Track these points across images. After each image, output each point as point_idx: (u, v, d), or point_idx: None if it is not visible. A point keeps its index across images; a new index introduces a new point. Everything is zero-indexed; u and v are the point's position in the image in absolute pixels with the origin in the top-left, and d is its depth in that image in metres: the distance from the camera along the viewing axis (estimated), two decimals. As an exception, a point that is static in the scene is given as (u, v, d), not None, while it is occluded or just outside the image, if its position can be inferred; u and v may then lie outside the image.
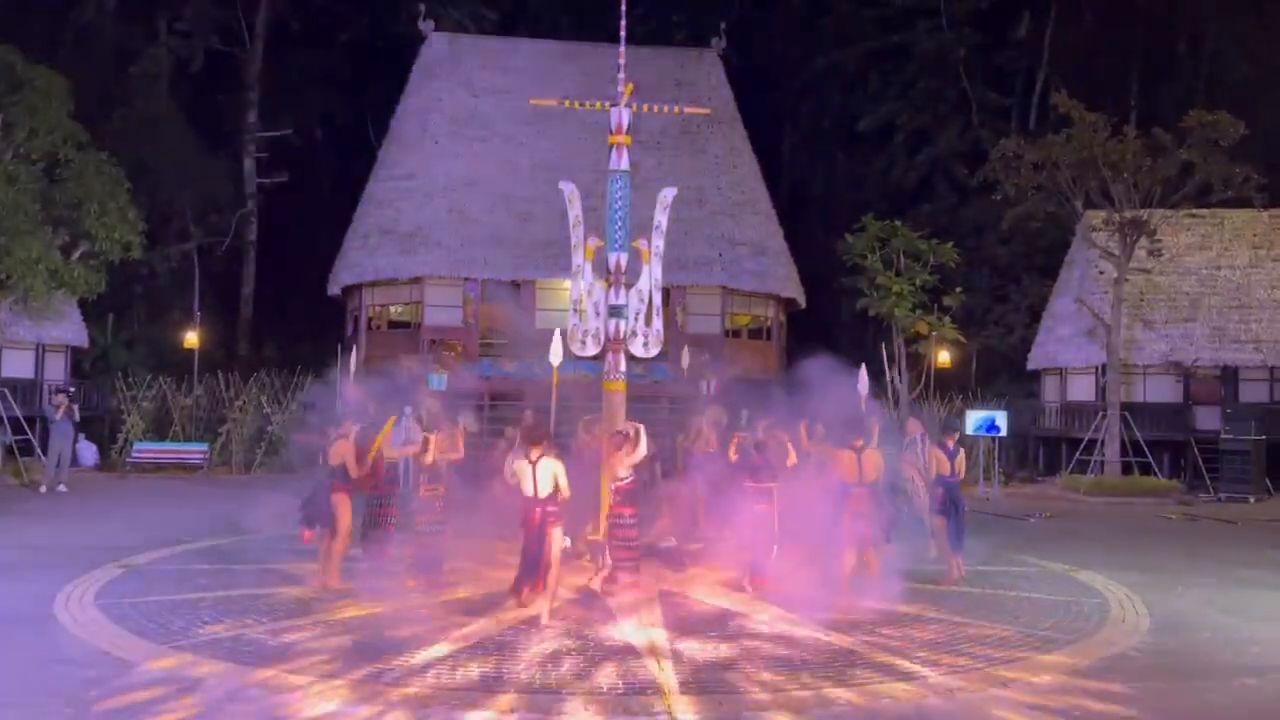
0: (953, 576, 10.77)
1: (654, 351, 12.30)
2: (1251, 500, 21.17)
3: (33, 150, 20.24)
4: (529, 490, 8.78)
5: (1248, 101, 25.71)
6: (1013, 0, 36.42)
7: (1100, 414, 23.90)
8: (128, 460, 22.56)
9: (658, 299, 12.26)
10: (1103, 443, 23.29)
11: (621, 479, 9.96)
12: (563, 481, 8.83)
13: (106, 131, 25.67)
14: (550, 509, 8.74)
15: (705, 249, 25.05)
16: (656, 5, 35.81)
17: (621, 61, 12.49)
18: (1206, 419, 24.47)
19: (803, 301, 26.70)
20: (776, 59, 38.10)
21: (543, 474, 8.74)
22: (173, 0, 34.01)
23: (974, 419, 22.44)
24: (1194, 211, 25.29)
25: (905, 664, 7.55)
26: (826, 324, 32.50)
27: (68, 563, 10.82)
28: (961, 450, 11.42)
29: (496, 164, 25.74)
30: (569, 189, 12.47)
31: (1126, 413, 23.51)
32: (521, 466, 8.89)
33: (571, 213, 12.36)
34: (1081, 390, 26.73)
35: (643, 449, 9.97)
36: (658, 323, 12.23)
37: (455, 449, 10.66)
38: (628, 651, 7.80)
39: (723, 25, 29.22)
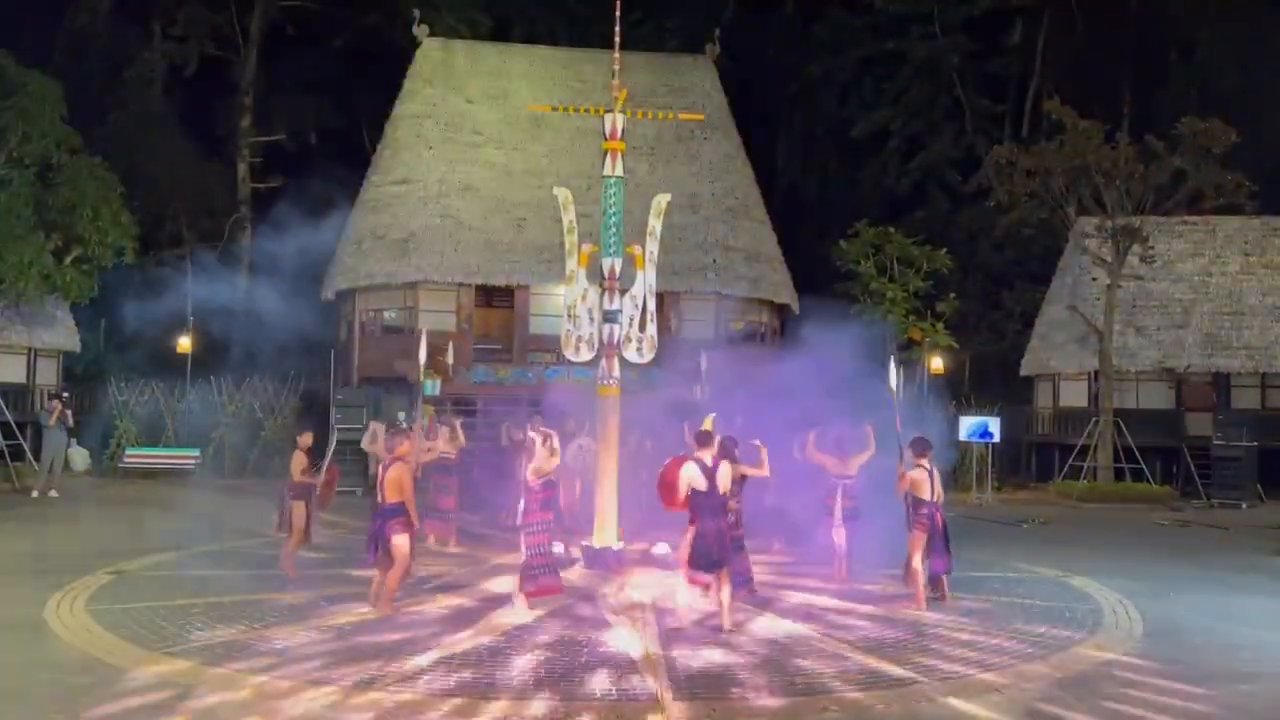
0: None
1: (648, 357, 12.30)
2: (1243, 506, 21.22)
3: (25, 155, 20.21)
4: (927, 495, 9.95)
5: (1239, 109, 25.81)
6: (1005, 7, 36.56)
7: (1093, 420, 23.96)
8: (120, 465, 22.48)
9: (652, 305, 12.27)
10: (1095, 449, 23.35)
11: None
12: (939, 485, 10.07)
13: (100, 136, 25.63)
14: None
15: (699, 255, 25.05)
16: (650, 11, 35.87)
17: (615, 68, 12.52)
18: (1199, 425, 24.54)
19: (797, 308, 26.70)
20: (770, 65, 38.17)
21: (937, 480, 10.03)
22: (166, 5, 33.97)
23: (967, 425, 22.49)
24: (1186, 218, 25.41)
25: (898, 670, 7.55)
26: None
27: (59, 568, 10.79)
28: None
29: (490, 169, 25.74)
30: (563, 194, 12.49)
31: (1119, 419, 23.56)
32: (920, 474, 9.95)
33: (565, 218, 12.37)
34: (1074, 396, 26.79)
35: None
36: (652, 328, 12.24)
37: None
38: (621, 659, 7.78)
39: (716, 31, 29.26)
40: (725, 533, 8.86)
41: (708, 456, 8.84)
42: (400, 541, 9.09)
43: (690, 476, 8.75)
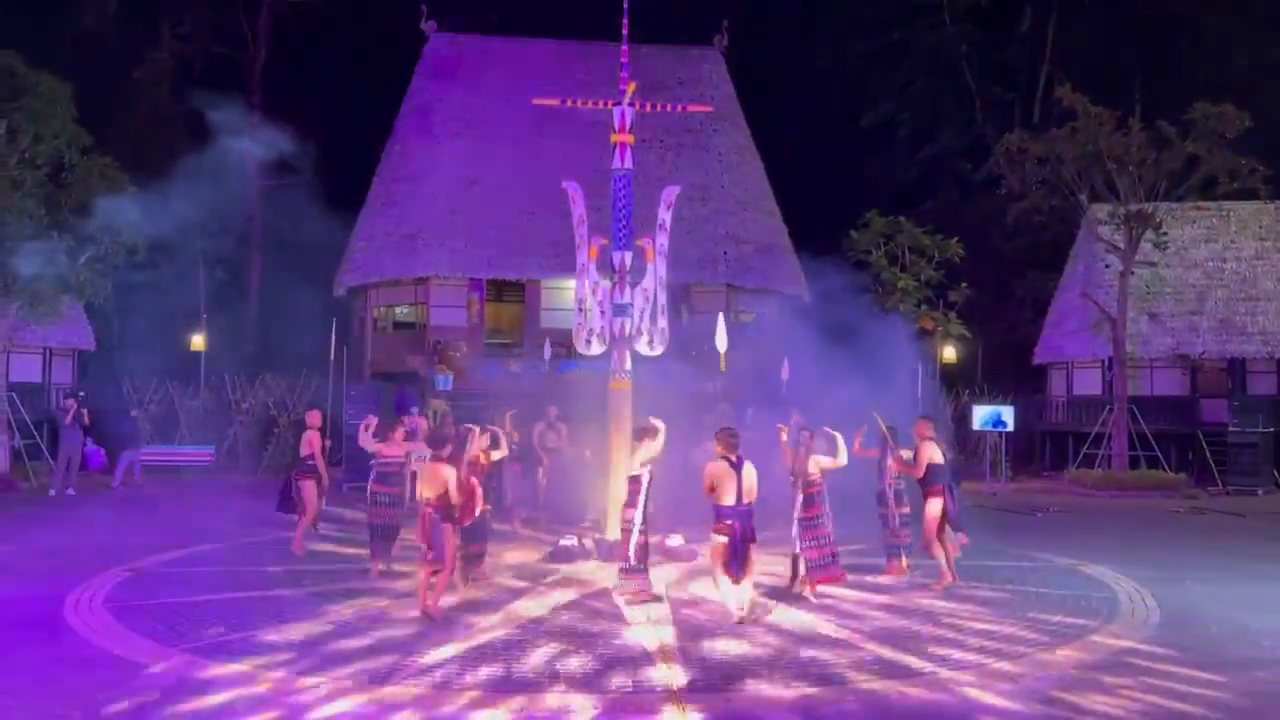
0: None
1: (659, 350, 12.30)
2: (1259, 493, 21.11)
3: (37, 155, 20.23)
4: (942, 461, 10.84)
5: (1250, 94, 25.61)
6: (1015, -6, 36.44)
7: (1107, 408, 23.85)
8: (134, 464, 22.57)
9: (662, 297, 12.26)
10: (1109, 436, 23.24)
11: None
12: None
13: (110, 136, 25.71)
14: None
15: (710, 247, 25.03)
16: (658, 3, 35.76)
17: (624, 60, 12.50)
18: (1213, 412, 24.42)
19: (808, 299, 26.65)
20: (779, 56, 38.10)
21: None
22: (174, 4, 34.07)
23: (980, 414, 22.43)
24: (1199, 204, 25.24)
25: (914, 660, 7.54)
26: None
27: (77, 566, 10.85)
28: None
29: (500, 164, 25.71)
30: (573, 188, 12.48)
31: (1133, 406, 23.45)
32: (934, 447, 10.59)
33: (575, 212, 12.36)
34: (1088, 384, 26.69)
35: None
36: (662, 321, 12.23)
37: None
38: (636, 651, 7.79)
39: (725, 23, 29.18)
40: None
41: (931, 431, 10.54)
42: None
43: (933, 453, 10.41)
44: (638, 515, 9.62)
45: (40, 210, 20.07)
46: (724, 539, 8.56)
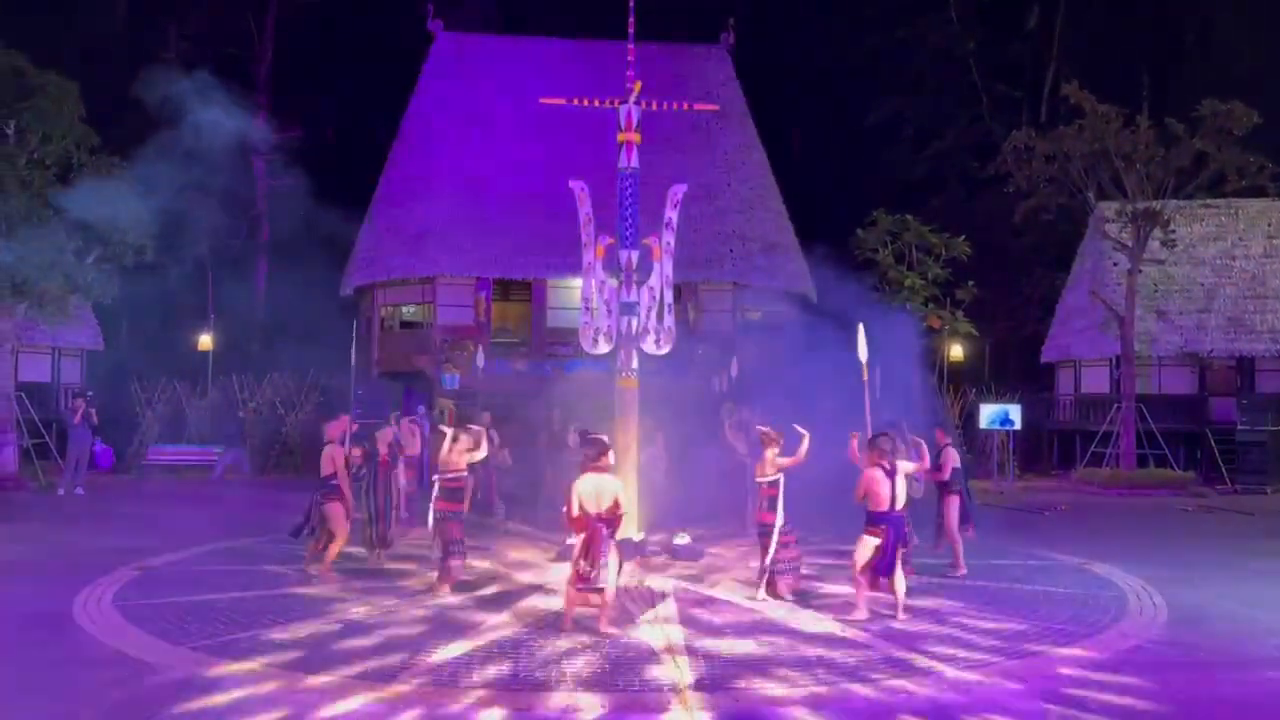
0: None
1: (666, 349, 12.30)
2: (1268, 491, 21.05)
3: (46, 155, 20.31)
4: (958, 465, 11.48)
5: (1258, 91, 25.50)
6: (1022, -8, 36.40)
7: (1115, 406, 23.80)
8: (143, 463, 22.67)
9: (669, 296, 12.26)
10: (1117, 435, 23.19)
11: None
12: None
13: (118, 135, 25.79)
14: None
15: (716, 245, 24.99)
16: (664, 2, 35.73)
17: (630, 59, 12.50)
18: (1222, 410, 24.36)
19: (814, 297, 26.62)
20: (785, 53, 38.05)
21: None
22: (181, 4, 34.16)
23: (988, 413, 22.40)
24: (1208, 201, 25.15)
25: (922, 659, 7.53)
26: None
27: (86, 565, 10.89)
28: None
29: (506, 163, 25.71)
30: (579, 187, 12.48)
31: (1141, 404, 23.40)
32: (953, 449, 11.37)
33: (582, 211, 12.37)
34: (1096, 382, 26.64)
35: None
36: (669, 319, 12.23)
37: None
38: (644, 649, 7.80)
39: (731, 21, 29.15)
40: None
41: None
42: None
43: (955, 458, 11.24)
44: (778, 520, 9.69)
45: (48, 210, 20.14)
46: (877, 540, 8.76)
